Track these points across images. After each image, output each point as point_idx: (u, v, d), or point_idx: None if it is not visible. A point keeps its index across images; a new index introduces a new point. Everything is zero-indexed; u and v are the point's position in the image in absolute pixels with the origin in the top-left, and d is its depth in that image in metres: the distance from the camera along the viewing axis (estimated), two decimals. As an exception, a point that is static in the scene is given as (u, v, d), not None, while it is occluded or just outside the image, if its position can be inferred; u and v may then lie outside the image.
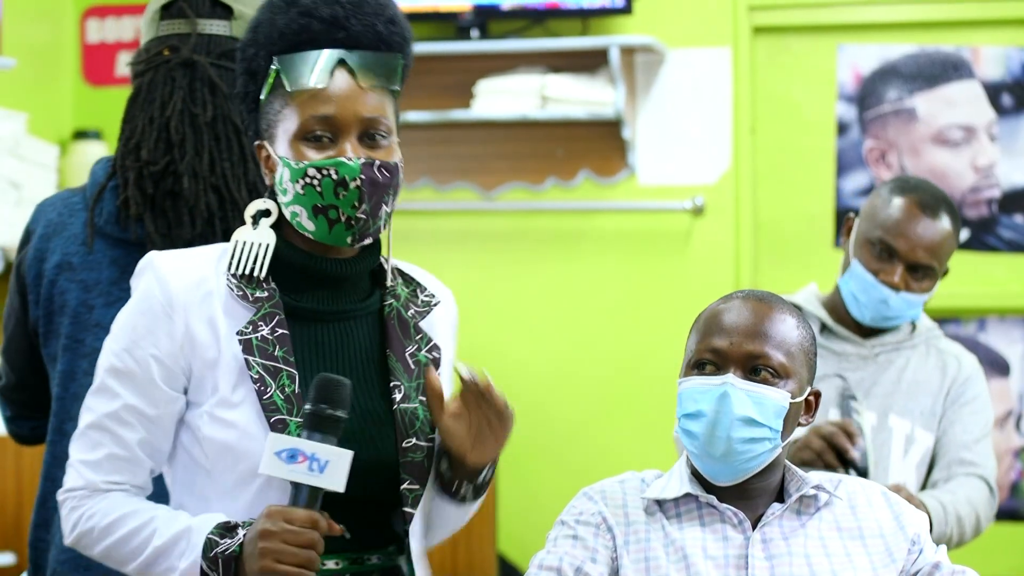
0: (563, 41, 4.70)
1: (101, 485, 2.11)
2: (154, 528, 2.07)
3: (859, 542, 2.18)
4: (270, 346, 2.10)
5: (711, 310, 2.20)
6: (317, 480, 2.00)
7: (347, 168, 2.09)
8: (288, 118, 2.12)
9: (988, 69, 4.65)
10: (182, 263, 2.14)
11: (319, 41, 2.13)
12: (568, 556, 2.13)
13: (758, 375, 2.14)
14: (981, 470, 3.02)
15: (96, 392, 2.14)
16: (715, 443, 2.12)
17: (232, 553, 2.01)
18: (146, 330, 2.10)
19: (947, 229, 2.98)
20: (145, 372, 2.10)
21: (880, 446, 3.00)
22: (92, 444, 2.12)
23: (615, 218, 4.81)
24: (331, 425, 2.02)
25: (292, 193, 2.12)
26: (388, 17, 2.19)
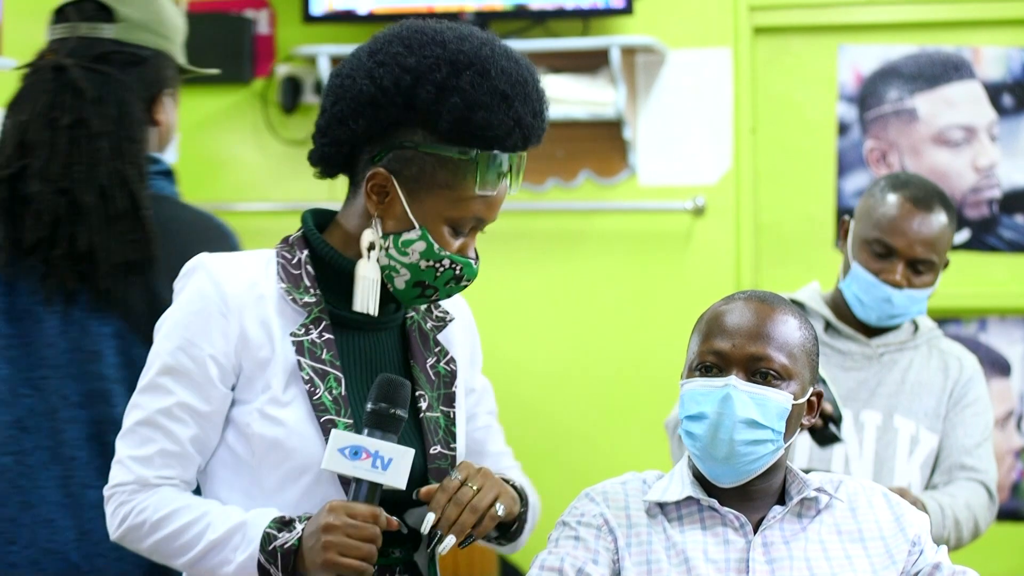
0: (564, 42, 4.70)
1: (152, 480, 2.14)
2: (208, 522, 2.10)
3: (859, 544, 2.18)
4: (318, 350, 2.16)
5: (713, 311, 2.20)
6: (380, 477, 2.05)
7: (470, 271, 2.22)
8: (449, 199, 2.15)
9: (989, 69, 4.65)
10: (235, 266, 2.19)
11: (508, 147, 2.17)
12: (570, 557, 2.14)
13: (760, 377, 2.14)
14: (982, 475, 3.02)
15: (147, 390, 2.17)
16: (717, 445, 2.12)
17: (291, 547, 2.06)
18: (201, 329, 2.15)
19: (943, 221, 2.98)
20: (200, 370, 2.14)
21: (885, 447, 3.00)
22: (143, 440, 2.15)
23: (616, 218, 4.81)
24: (392, 423, 2.09)
25: (411, 260, 2.17)
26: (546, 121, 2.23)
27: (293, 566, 2.06)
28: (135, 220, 2.55)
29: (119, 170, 2.56)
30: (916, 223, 2.96)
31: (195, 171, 5.11)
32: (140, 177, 2.58)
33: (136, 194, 2.56)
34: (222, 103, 5.10)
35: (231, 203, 5.09)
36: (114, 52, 2.62)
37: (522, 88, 2.15)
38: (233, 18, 5.05)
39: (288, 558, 2.06)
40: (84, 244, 2.53)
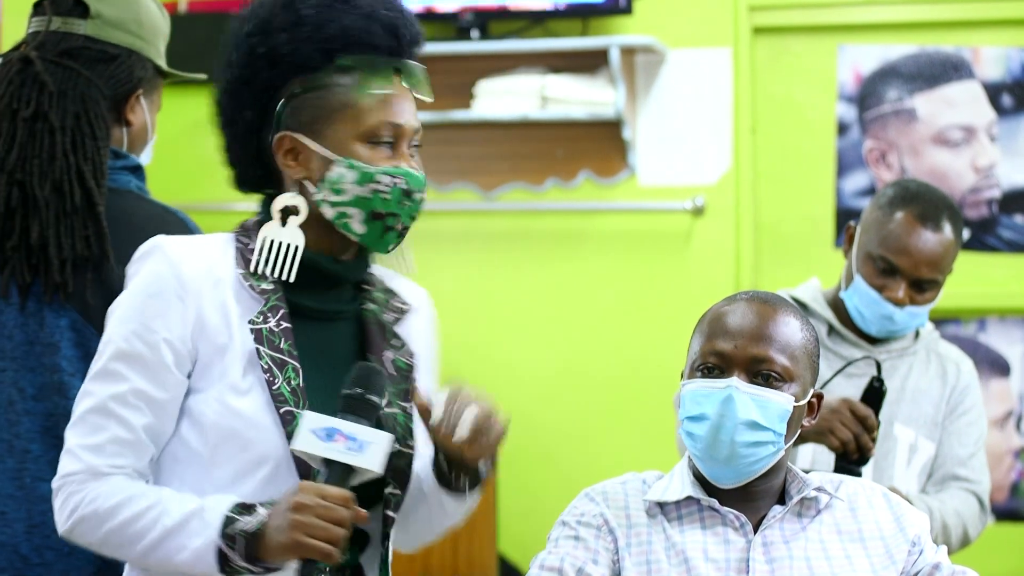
0: (563, 41, 4.70)
1: (104, 468, 2.07)
2: (163, 508, 2.03)
3: (859, 544, 2.18)
4: (276, 339, 2.11)
5: (715, 311, 2.20)
6: (355, 459, 2.00)
7: (416, 180, 2.15)
8: (351, 118, 2.13)
9: (988, 69, 4.65)
10: (191, 248, 2.14)
11: (380, 47, 2.16)
12: (570, 557, 2.13)
13: (762, 378, 2.13)
14: (974, 486, 3.01)
15: (99, 376, 2.10)
16: (718, 446, 2.12)
17: (252, 530, 1.99)
18: (156, 313, 2.08)
19: (949, 239, 2.94)
20: (156, 355, 2.08)
21: (885, 454, 3.00)
22: (94, 428, 2.08)
23: (615, 218, 4.81)
24: (368, 410, 2.04)
25: (352, 195, 2.13)
26: (417, 27, 2.23)
27: (254, 551, 1.99)
28: (89, 216, 2.54)
29: (76, 165, 2.55)
30: (922, 243, 2.92)
31: (194, 171, 5.11)
32: (97, 173, 2.56)
33: (91, 190, 2.55)
34: (221, 103, 5.10)
35: (230, 203, 5.07)
36: (83, 48, 2.62)
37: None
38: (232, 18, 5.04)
39: (250, 542, 1.98)
40: (36, 237, 2.52)
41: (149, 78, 2.69)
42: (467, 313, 4.87)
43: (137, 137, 2.69)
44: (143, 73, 2.67)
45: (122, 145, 2.66)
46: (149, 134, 2.71)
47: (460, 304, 4.86)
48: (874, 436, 2.77)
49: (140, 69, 2.66)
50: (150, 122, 2.70)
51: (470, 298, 4.88)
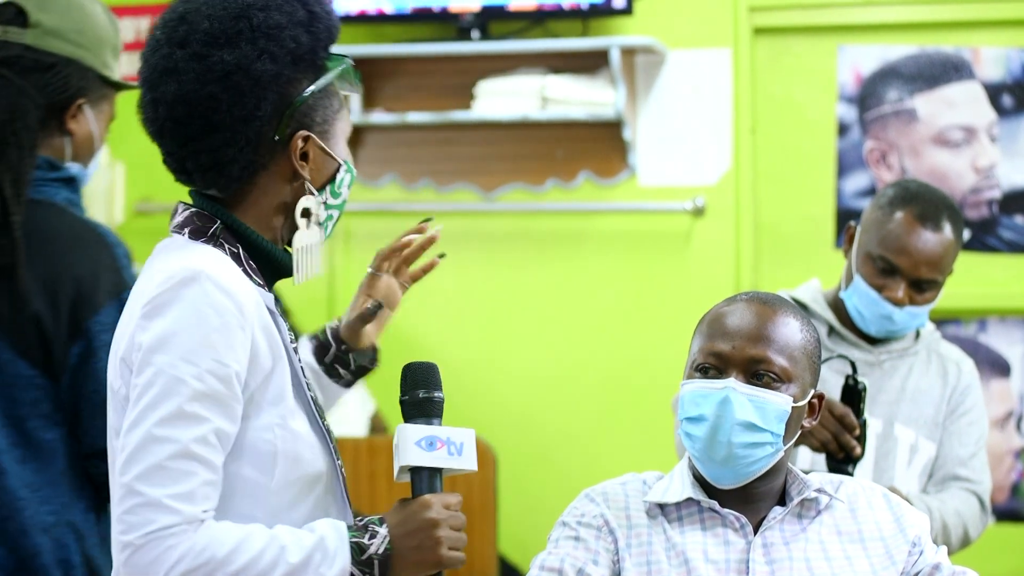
0: (563, 42, 4.70)
1: (201, 516, 1.93)
2: (281, 545, 1.94)
3: (859, 545, 2.18)
4: (295, 353, 2.10)
5: (714, 312, 2.20)
6: (458, 463, 2.01)
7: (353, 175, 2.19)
8: (344, 119, 2.15)
9: (988, 70, 4.65)
10: (231, 273, 2.03)
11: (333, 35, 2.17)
12: (570, 558, 2.13)
13: (760, 379, 2.13)
14: (975, 486, 3.01)
15: (176, 420, 1.93)
16: (716, 448, 2.12)
17: (386, 552, 1.98)
18: (226, 346, 1.96)
19: (949, 239, 2.93)
20: (231, 391, 1.96)
21: (885, 455, 2.99)
22: (180, 475, 1.92)
23: (615, 219, 4.81)
24: (439, 408, 2.05)
25: (345, 198, 2.14)
26: None
27: (387, 572, 1.98)
28: (2, 225, 2.52)
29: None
30: (922, 243, 2.91)
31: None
32: (18, 182, 2.54)
33: (8, 199, 2.53)
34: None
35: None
36: (19, 57, 2.60)
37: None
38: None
39: (385, 564, 1.97)
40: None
41: (93, 88, 2.66)
42: (467, 313, 4.87)
43: (82, 146, 2.67)
44: (83, 83, 2.64)
45: (64, 155, 2.64)
46: (96, 143, 2.68)
47: (460, 304, 4.86)
48: (857, 435, 2.77)
49: (79, 79, 2.64)
50: (97, 131, 2.67)
51: (470, 298, 4.88)
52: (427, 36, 4.88)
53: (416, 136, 4.91)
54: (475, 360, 4.83)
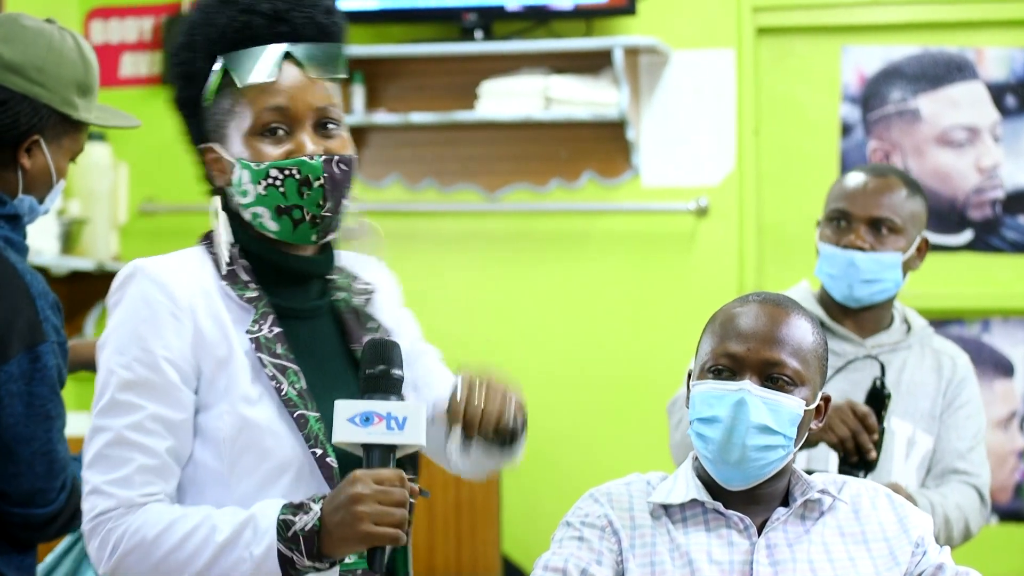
0: (567, 42, 4.70)
1: (137, 499, 2.03)
2: (212, 525, 2.00)
3: (862, 546, 2.17)
4: (272, 344, 2.10)
5: (727, 312, 2.19)
6: (399, 437, 1.97)
7: (309, 167, 2.10)
8: (240, 115, 2.12)
9: (992, 70, 4.65)
10: (174, 265, 2.12)
11: (262, 37, 2.14)
12: (574, 558, 2.13)
13: (774, 382, 2.13)
14: (974, 480, 3.02)
15: (109, 410, 2.05)
16: (730, 450, 2.12)
17: (313, 528, 1.97)
18: (153, 335, 2.05)
19: (898, 184, 3.02)
20: (161, 377, 2.05)
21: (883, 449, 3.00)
22: (117, 462, 2.04)
23: (619, 219, 4.81)
24: (394, 384, 2.02)
25: (253, 194, 2.12)
26: (326, 7, 2.19)
27: (319, 548, 1.97)
28: None
29: None
30: (868, 186, 3.02)
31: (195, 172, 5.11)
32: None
33: None
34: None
35: (234, 204, 5.09)
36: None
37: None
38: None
39: (311, 540, 1.96)
40: None
41: (51, 124, 2.63)
42: (471, 313, 4.87)
43: (36, 181, 2.63)
44: (35, 120, 2.60)
45: (16, 189, 2.61)
46: (54, 179, 2.66)
47: (463, 305, 4.87)
48: (875, 439, 2.78)
49: (31, 116, 2.60)
50: (54, 167, 2.65)
51: (474, 299, 4.88)
52: (430, 36, 4.88)
53: (419, 136, 4.91)
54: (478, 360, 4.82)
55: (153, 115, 5.19)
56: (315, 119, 2.13)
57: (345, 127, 2.18)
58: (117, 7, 5.16)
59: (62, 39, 2.63)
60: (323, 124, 2.14)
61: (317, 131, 2.13)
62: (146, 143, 5.09)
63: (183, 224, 5.09)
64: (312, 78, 2.13)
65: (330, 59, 2.16)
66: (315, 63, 2.14)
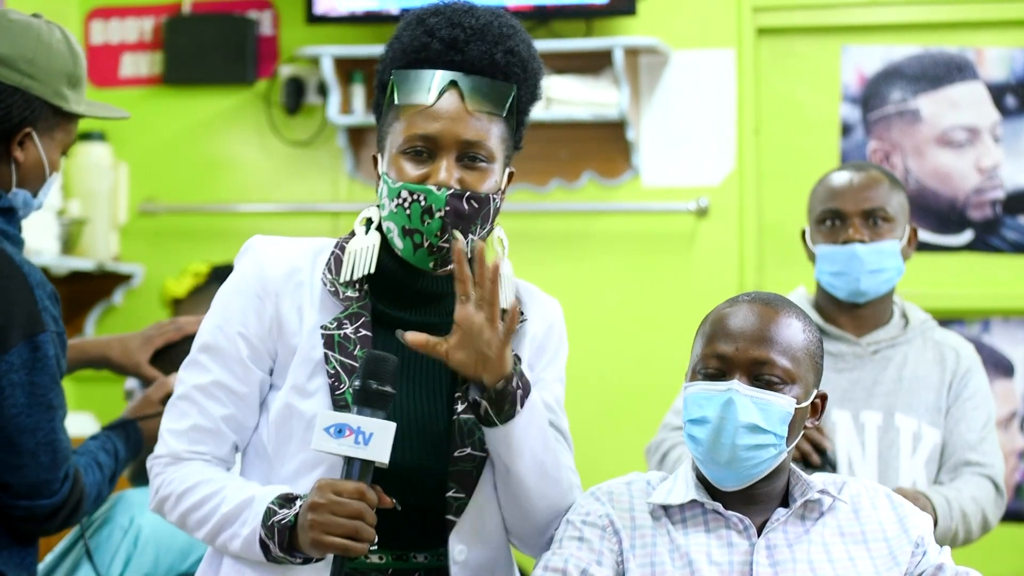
0: (567, 42, 4.70)
1: (183, 454, 2.18)
2: (223, 496, 2.13)
3: (862, 546, 2.18)
4: (351, 345, 2.15)
5: (717, 314, 2.20)
6: (362, 452, 2.03)
7: (434, 197, 2.14)
8: (396, 132, 2.18)
9: (992, 70, 4.65)
10: (281, 250, 2.22)
11: (436, 62, 2.19)
12: (574, 558, 2.13)
13: (763, 381, 2.13)
14: (988, 470, 3.01)
15: (189, 365, 2.21)
16: (719, 450, 2.12)
17: (288, 523, 2.06)
18: (238, 309, 2.19)
19: (881, 177, 3.05)
20: (233, 348, 2.18)
21: (888, 446, 3.00)
22: (180, 414, 2.20)
23: (619, 219, 4.81)
24: (378, 400, 2.06)
25: (388, 209, 2.18)
26: (508, 48, 2.21)
27: (289, 542, 2.07)
28: None
29: None
30: (851, 180, 3.04)
31: (197, 173, 5.11)
32: None
33: None
34: (225, 104, 5.10)
35: (234, 204, 5.09)
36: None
37: (445, 10, 2.20)
38: (236, 19, 5.05)
39: (284, 533, 2.06)
40: None
41: (43, 117, 2.64)
42: (471, 314, 4.87)
43: (30, 175, 2.64)
44: (27, 112, 2.61)
45: (10, 183, 2.61)
46: (47, 172, 2.66)
47: (464, 305, 4.86)
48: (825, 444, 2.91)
49: (24, 108, 2.60)
50: (47, 160, 2.66)
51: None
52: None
53: (420, 137, 4.91)
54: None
55: (153, 115, 5.22)
56: (461, 151, 2.17)
57: (498, 166, 2.21)
58: (117, 7, 5.16)
59: (50, 32, 2.64)
60: (470, 156, 2.17)
61: (460, 162, 2.17)
62: (146, 143, 5.09)
63: (183, 224, 5.09)
64: (470, 111, 2.17)
65: (495, 96, 2.19)
66: (477, 96, 2.18)
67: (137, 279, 5.11)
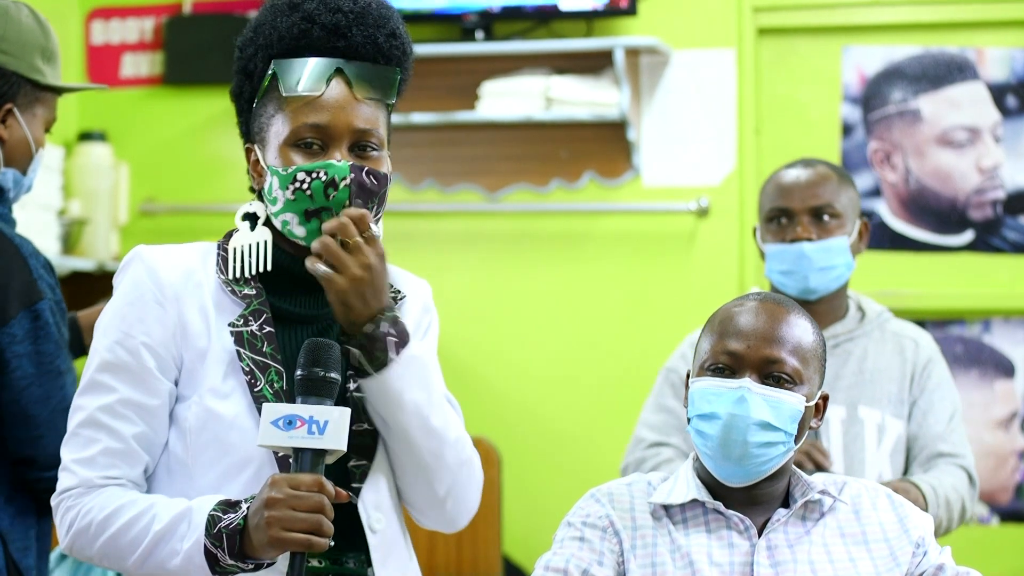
0: (568, 42, 4.70)
1: (97, 481, 2.06)
2: (153, 514, 2.02)
3: (863, 547, 2.18)
4: (258, 342, 2.10)
5: (726, 311, 2.20)
6: (319, 442, 1.95)
7: (336, 168, 2.08)
8: (279, 123, 2.12)
9: (993, 70, 4.65)
10: (170, 255, 2.15)
11: (318, 48, 2.14)
12: (575, 558, 2.13)
13: (773, 380, 2.13)
14: (961, 460, 3.03)
15: (87, 390, 2.09)
16: (731, 446, 2.12)
17: (237, 527, 1.97)
18: (136, 319, 2.09)
19: (829, 173, 3.05)
20: (139, 362, 2.08)
21: (853, 439, 3.01)
22: (85, 442, 2.08)
23: (620, 220, 4.81)
24: (325, 387, 2.00)
25: (282, 200, 2.11)
26: (390, 30, 2.18)
27: (240, 547, 1.97)
28: None
29: None
30: (796, 177, 3.05)
31: (198, 173, 5.11)
32: None
33: None
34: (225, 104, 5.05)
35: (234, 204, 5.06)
36: None
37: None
38: (237, 19, 5.05)
39: (234, 539, 1.97)
40: None
41: (22, 92, 2.64)
42: (472, 314, 4.87)
43: (15, 152, 2.65)
44: (5, 88, 2.63)
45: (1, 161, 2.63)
46: (33, 148, 2.67)
47: (465, 305, 4.86)
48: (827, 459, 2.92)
49: (1, 84, 2.62)
50: (32, 137, 2.66)
51: (474, 299, 4.88)
52: (431, 37, 4.88)
53: (420, 137, 4.91)
54: (479, 360, 4.83)
55: (154, 115, 5.22)
56: (353, 140, 2.12)
57: (386, 153, 2.16)
58: (117, 7, 5.16)
59: (17, 9, 2.66)
60: (361, 146, 2.13)
61: (353, 151, 2.12)
62: (146, 143, 5.09)
63: (183, 224, 5.09)
64: (358, 98, 2.13)
65: (381, 82, 2.16)
66: (364, 83, 2.13)
67: (137, 279, 5.10)
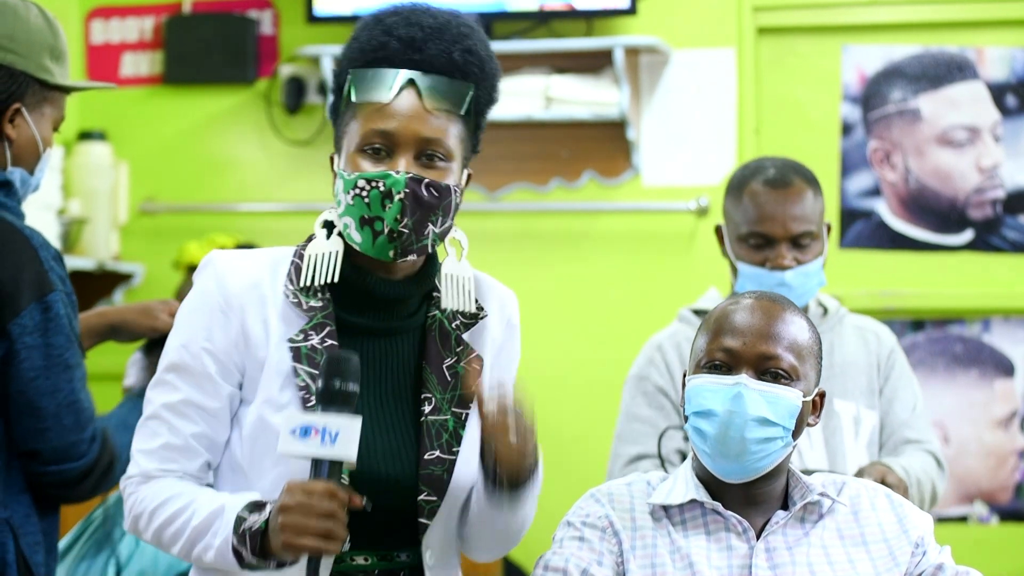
0: (567, 42, 4.70)
1: (154, 472, 2.16)
2: (194, 509, 2.11)
3: (862, 548, 2.18)
4: (318, 356, 2.13)
5: (722, 309, 2.20)
6: (330, 451, 2.01)
7: (392, 180, 2.12)
8: (352, 131, 2.17)
9: (992, 70, 4.65)
10: (241, 263, 2.20)
11: (393, 61, 2.17)
12: (574, 558, 2.13)
13: (770, 376, 2.14)
14: (928, 445, 3.05)
15: (156, 385, 2.19)
16: (729, 443, 2.12)
17: (259, 528, 2.04)
18: (201, 325, 2.16)
19: (804, 190, 2.97)
20: (201, 366, 2.16)
21: (832, 433, 3.01)
22: (150, 434, 2.18)
23: (619, 219, 4.81)
24: (343, 399, 2.04)
25: (344, 204, 2.16)
26: (466, 47, 2.21)
27: (261, 548, 2.05)
28: None
29: None
30: (780, 204, 2.95)
31: (198, 172, 5.11)
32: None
33: None
34: (225, 103, 5.10)
35: (234, 203, 5.09)
36: None
37: (403, 9, 2.20)
38: (237, 18, 5.05)
39: (256, 540, 2.04)
40: None
41: (30, 92, 2.64)
42: (471, 313, 4.87)
43: (23, 151, 2.64)
44: (13, 88, 2.61)
45: (5, 161, 2.62)
46: (41, 148, 2.67)
47: (464, 304, 4.86)
48: None
49: (10, 84, 2.61)
50: (40, 136, 2.66)
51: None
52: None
53: (420, 136, 4.91)
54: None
55: (153, 115, 5.22)
56: (419, 149, 2.15)
57: (456, 164, 2.20)
58: (117, 7, 5.16)
59: (26, 9, 2.66)
60: (428, 155, 2.16)
61: (419, 160, 2.15)
62: (146, 143, 5.09)
63: (184, 224, 5.09)
64: (428, 109, 2.15)
65: (453, 95, 2.18)
66: (435, 95, 2.16)
67: (137, 279, 5.11)
